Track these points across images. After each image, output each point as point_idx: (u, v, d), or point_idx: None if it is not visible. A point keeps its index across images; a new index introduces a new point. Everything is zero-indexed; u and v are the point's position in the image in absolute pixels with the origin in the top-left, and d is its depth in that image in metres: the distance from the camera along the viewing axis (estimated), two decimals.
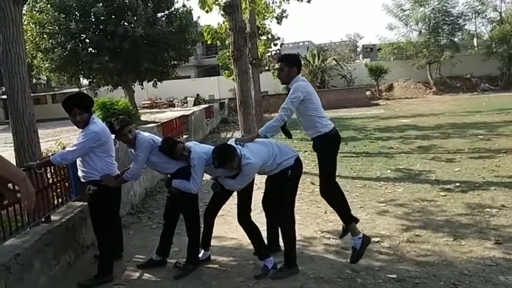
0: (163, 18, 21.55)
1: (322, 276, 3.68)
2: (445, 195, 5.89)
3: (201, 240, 4.08)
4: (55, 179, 4.34)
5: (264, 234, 3.99)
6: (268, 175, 3.92)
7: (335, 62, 31.64)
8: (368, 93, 29.04)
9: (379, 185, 6.71)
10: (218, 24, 14.76)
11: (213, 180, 3.95)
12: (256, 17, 14.46)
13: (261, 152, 3.66)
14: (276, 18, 16.14)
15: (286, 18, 16.27)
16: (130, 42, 19.30)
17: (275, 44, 19.85)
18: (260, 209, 4.19)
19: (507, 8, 31.65)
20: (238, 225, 3.95)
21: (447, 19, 31.11)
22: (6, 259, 3.24)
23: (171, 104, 33.06)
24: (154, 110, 30.19)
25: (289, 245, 3.80)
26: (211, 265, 4.07)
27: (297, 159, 3.80)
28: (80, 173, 3.95)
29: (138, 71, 21.27)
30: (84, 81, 24.80)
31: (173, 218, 4.16)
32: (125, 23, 19.71)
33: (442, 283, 3.44)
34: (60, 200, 4.44)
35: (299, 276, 3.69)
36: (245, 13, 11.73)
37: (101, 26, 20.05)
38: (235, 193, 3.90)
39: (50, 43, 19.50)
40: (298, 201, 5.86)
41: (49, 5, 19.37)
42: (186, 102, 32.45)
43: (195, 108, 21.15)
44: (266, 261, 3.78)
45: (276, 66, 4.19)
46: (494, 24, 32.09)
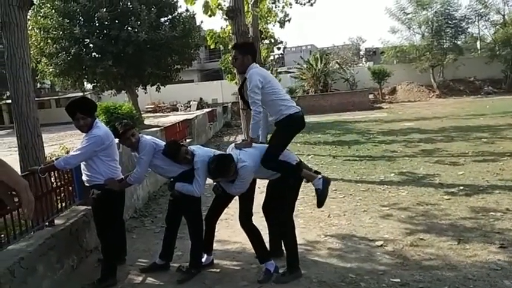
0: (166, 22, 21.69)
1: (325, 280, 3.66)
2: (449, 198, 5.87)
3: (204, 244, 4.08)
4: (59, 183, 4.37)
5: (266, 238, 3.98)
6: (269, 179, 3.92)
7: (338, 66, 31.57)
8: (371, 96, 28.95)
9: (382, 189, 6.68)
10: (221, 28, 14.79)
11: (216, 182, 3.95)
12: (258, 21, 14.49)
13: (258, 157, 3.63)
14: (279, 22, 16.16)
15: (289, 22, 16.26)
16: (133, 46, 19.41)
17: (278, 48, 19.91)
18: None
19: (510, 11, 31.53)
20: (241, 229, 3.94)
21: (450, 22, 31.03)
22: (10, 263, 3.25)
23: (174, 108, 33.16)
24: (157, 114, 30.30)
25: (290, 249, 3.79)
26: (214, 269, 4.07)
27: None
28: (84, 177, 3.98)
29: (142, 75, 21.38)
30: (88, 85, 24.93)
31: (175, 222, 4.16)
32: (129, 28, 19.85)
33: (447, 287, 3.42)
34: (63, 204, 4.47)
35: (302, 280, 3.68)
36: (248, 17, 11.75)
37: (105, 31, 20.20)
38: (237, 196, 3.90)
39: (54, 48, 19.64)
40: (301, 204, 5.87)
41: (53, 10, 19.54)
42: (189, 106, 32.55)
43: (198, 112, 21.22)
44: (267, 264, 3.77)
45: (279, 69, 4.14)
46: (497, 27, 31.94)
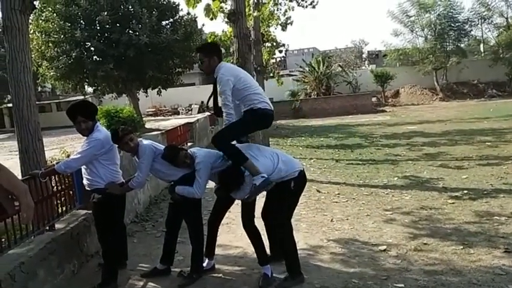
0: (167, 26, 21.70)
1: (328, 285, 3.62)
2: (453, 202, 5.82)
3: (205, 248, 4.04)
4: (59, 187, 4.34)
5: (266, 243, 3.94)
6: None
7: (340, 69, 31.57)
8: (374, 99, 28.90)
9: (385, 193, 6.64)
10: (222, 31, 14.82)
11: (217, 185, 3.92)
12: (260, 24, 14.50)
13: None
14: (281, 25, 16.18)
15: (291, 25, 16.31)
16: (135, 50, 19.42)
17: (280, 51, 19.90)
18: None
19: None
20: (243, 233, 3.92)
21: (453, 25, 30.99)
22: (10, 267, 3.23)
23: (176, 112, 33.13)
24: (158, 118, 30.27)
25: (289, 254, 3.74)
26: (215, 274, 4.03)
27: (301, 172, 3.72)
28: (85, 181, 3.96)
29: (143, 79, 21.37)
30: (89, 89, 24.92)
31: (175, 225, 4.13)
32: (130, 31, 19.85)
33: None
34: (64, 208, 4.44)
35: (305, 285, 3.64)
36: (249, 20, 11.75)
37: (106, 34, 20.22)
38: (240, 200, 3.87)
39: (55, 51, 19.67)
40: (304, 209, 5.84)
41: (55, 14, 19.57)
42: (191, 109, 32.52)
43: (200, 115, 21.18)
44: (265, 268, 3.75)
45: (281, 72, 4.10)
46: (500, 29, 31.91)
